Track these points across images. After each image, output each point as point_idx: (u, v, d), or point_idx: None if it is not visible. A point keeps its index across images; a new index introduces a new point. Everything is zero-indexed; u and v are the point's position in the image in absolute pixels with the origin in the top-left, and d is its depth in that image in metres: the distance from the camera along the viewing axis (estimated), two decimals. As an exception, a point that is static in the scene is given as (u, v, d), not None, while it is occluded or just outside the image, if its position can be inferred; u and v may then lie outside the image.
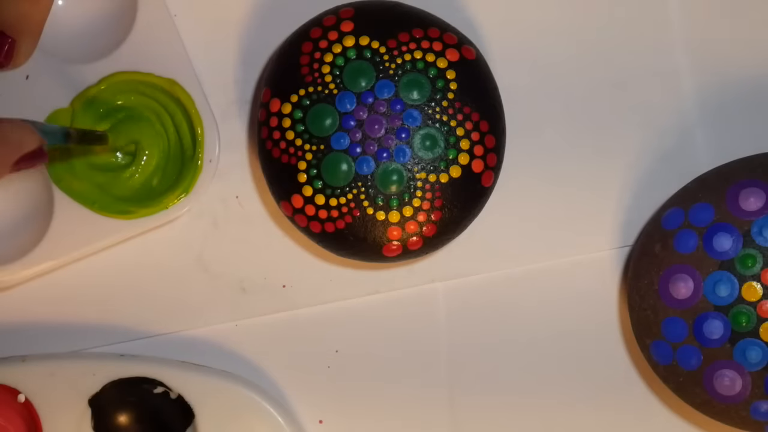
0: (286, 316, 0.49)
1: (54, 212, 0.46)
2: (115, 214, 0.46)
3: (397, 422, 0.49)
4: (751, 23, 0.47)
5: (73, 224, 0.46)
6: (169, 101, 0.46)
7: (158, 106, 0.47)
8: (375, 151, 0.42)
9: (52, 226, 0.46)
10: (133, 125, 0.47)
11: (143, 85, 0.46)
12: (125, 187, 0.47)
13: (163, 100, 0.46)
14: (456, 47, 0.43)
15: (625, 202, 0.48)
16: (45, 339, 0.49)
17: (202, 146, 0.46)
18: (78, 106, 0.46)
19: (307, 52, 0.43)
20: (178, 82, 0.46)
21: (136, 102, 0.47)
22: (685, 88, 0.48)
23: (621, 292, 0.48)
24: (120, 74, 0.46)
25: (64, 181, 0.46)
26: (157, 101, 0.46)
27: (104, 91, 0.46)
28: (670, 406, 0.49)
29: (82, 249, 0.46)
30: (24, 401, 0.46)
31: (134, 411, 0.47)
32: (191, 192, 0.46)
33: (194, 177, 0.46)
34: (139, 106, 0.47)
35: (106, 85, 0.46)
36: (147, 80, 0.46)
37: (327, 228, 0.43)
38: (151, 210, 0.46)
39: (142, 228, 0.46)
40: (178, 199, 0.46)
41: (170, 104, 0.46)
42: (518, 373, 0.49)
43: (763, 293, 0.41)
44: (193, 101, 0.46)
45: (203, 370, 0.48)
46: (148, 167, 0.47)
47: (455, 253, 0.48)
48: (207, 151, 0.46)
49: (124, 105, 0.47)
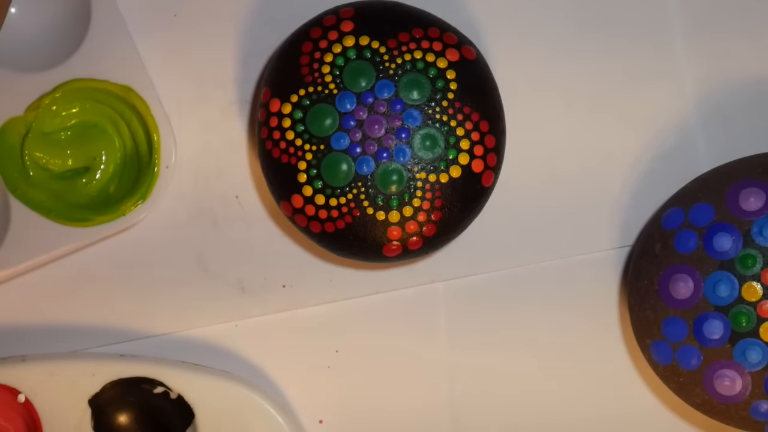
0: (286, 316, 0.49)
1: (10, 221, 0.46)
2: (72, 221, 0.46)
3: (397, 422, 0.49)
4: (751, 23, 0.47)
5: (30, 233, 0.46)
6: (125, 108, 0.46)
7: (114, 113, 0.47)
8: (375, 151, 0.42)
9: (9, 234, 0.46)
10: (88, 133, 0.47)
11: (98, 93, 0.46)
12: (82, 195, 0.47)
13: (119, 107, 0.47)
14: (456, 47, 0.43)
15: (625, 202, 0.48)
16: (45, 339, 0.49)
17: (159, 152, 0.46)
18: (34, 127, 0.46)
19: (307, 52, 0.43)
20: (133, 88, 0.46)
21: (91, 109, 0.47)
22: (685, 88, 0.48)
23: (621, 292, 0.48)
24: (74, 82, 0.46)
25: (20, 189, 0.46)
26: (113, 108, 0.47)
27: (59, 99, 0.46)
28: (670, 406, 0.49)
29: (39, 257, 0.46)
30: (24, 401, 0.46)
31: (134, 411, 0.47)
32: (148, 198, 0.46)
33: (151, 183, 0.46)
34: (95, 113, 0.47)
35: (60, 93, 0.46)
36: (102, 87, 0.46)
37: (327, 228, 0.43)
38: (108, 217, 0.46)
39: (100, 235, 0.46)
40: (135, 206, 0.46)
41: (126, 111, 0.47)
42: (518, 372, 0.49)
43: (763, 293, 0.41)
44: (149, 108, 0.46)
45: (203, 370, 0.48)
46: (104, 174, 0.47)
47: (455, 253, 0.48)
48: (163, 157, 0.47)
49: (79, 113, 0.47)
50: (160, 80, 0.47)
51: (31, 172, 0.46)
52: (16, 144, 0.46)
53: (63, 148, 0.47)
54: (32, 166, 0.47)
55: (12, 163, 0.46)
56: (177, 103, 0.48)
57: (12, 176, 0.46)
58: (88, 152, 0.47)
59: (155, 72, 0.47)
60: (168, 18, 0.48)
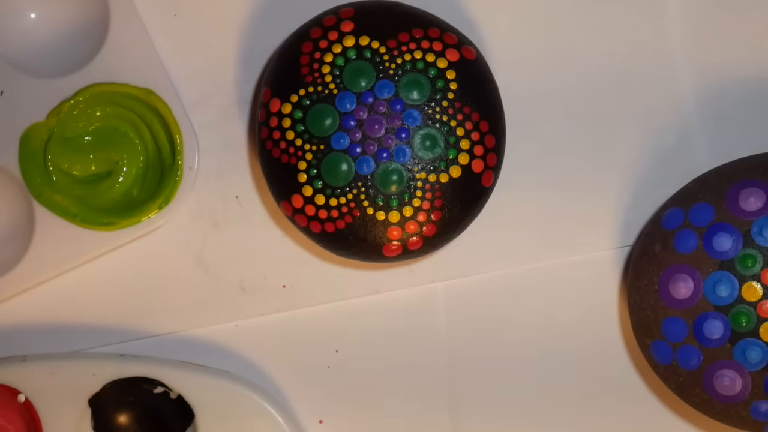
0: (286, 316, 0.49)
1: (35, 227, 0.46)
2: (96, 226, 0.46)
3: (397, 422, 0.49)
4: (751, 23, 0.47)
5: (56, 239, 0.46)
6: (146, 111, 0.46)
7: (135, 117, 0.47)
8: (375, 151, 0.42)
9: (34, 241, 0.46)
10: (110, 137, 0.47)
11: (119, 96, 0.46)
12: (105, 199, 0.47)
13: (140, 110, 0.46)
14: (456, 47, 0.43)
15: (625, 202, 0.48)
16: (45, 339, 0.49)
17: (182, 154, 0.46)
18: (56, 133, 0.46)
19: (307, 52, 0.43)
20: (154, 91, 0.46)
21: (112, 113, 0.47)
22: (685, 88, 0.48)
23: (621, 292, 0.48)
24: (95, 86, 0.46)
25: (44, 195, 0.46)
26: (134, 111, 0.47)
27: (80, 103, 0.46)
28: (670, 406, 0.49)
29: (65, 263, 0.47)
30: (24, 401, 0.46)
31: (134, 411, 0.47)
32: (172, 200, 0.46)
33: (175, 185, 0.46)
34: (116, 117, 0.47)
35: (82, 98, 0.46)
36: (123, 91, 0.46)
37: (327, 228, 0.43)
38: (132, 220, 0.46)
39: (125, 239, 0.47)
40: (159, 209, 0.46)
41: (147, 114, 0.46)
42: (518, 372, 0.49)
43: (763, 293, 0.41)
44: (170, 110, 0.46)
45: (203, 370, 0.48)
46: (127, 178, 0.47)
47: (455, 253, 0.48)
48: (186, 159, 0.47)
49: (101, 117, 0.47)
50: (160, 80, 0.47)
51: (54, 178, 0.46)
52: (39, 150, 0.46)
53: (85, 153, 0.47)
54: (55, 172, 0.46)
55: (35, 169, 0.46)
56: (177, 103, 0.48)
57: (36, 182, 0.46)
58: (111, 156, 0.47)
59: (155, 72, 0.47)
60: (168, 18, 0.48)
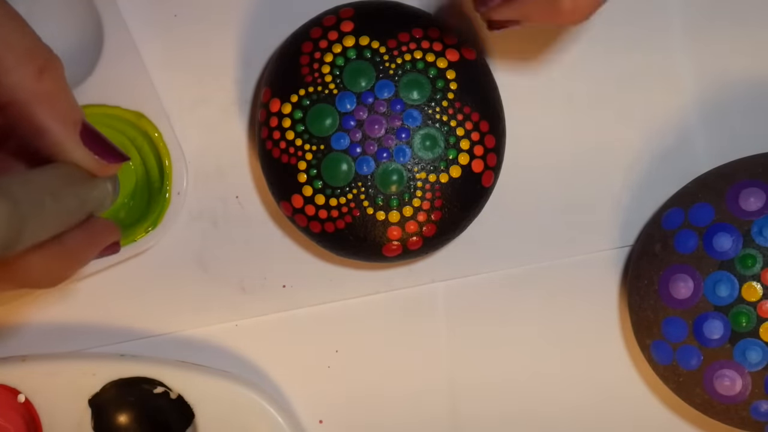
0: (286, 316, 0.49)
1: None
2: None
3: (397, 422, 0.49)
4: (751, 23, 0.47)
5: None
6: (137, 134, 0.46)
7: (125, 139, 0.46)
8: (375, 151, 0.42)
9: None
10: None
11: (110, 118, 0.46)
12: None
13: (131, 133, 0.46)
14: (456, 47, 0.43)
15: (625, 202, 0.48)
16: (45, 339, 0.49)
17: (170, 179, 0.46)
18: None
19: (307, 52, 0.43)
20: (145, 114, 0.46)
21: None
22: (685, 88, 0.48)
23: (621, 292, 0.48)
24: (86, 107, 0.46)
25: None
26: (125, 134, 0.46)
27: None
28: (670, 406, 0.49)
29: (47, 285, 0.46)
30: (24, 401, 0.46)
31: (134, 411, 0.47)
32: (159, 225, 0.46)
33: (162, 210, 0.46)
34: None
35: None
36: (114, 113, 0.46)
37: (327, 228, 0.43)
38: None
39: (110, 262, 0.46)
40: (146, 232, 0.46)
41: (138, 137, 0.46)
42: (518, 372, 0.49)
43: (763, 293, 0.41)
44: (161, 134, 0.46)
45: (203, 370, 0.48)
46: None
47: (455, 253, 0.48)
48: (175, 184, 0.46)
49: None
50: (160, 80, 0.47)
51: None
52: None
53: None
54: None
55: None
56: (177, 103, 0.48)
57: None
58: None
59: (155, 72, 0.47)
60: (168, 18, 0.48)
